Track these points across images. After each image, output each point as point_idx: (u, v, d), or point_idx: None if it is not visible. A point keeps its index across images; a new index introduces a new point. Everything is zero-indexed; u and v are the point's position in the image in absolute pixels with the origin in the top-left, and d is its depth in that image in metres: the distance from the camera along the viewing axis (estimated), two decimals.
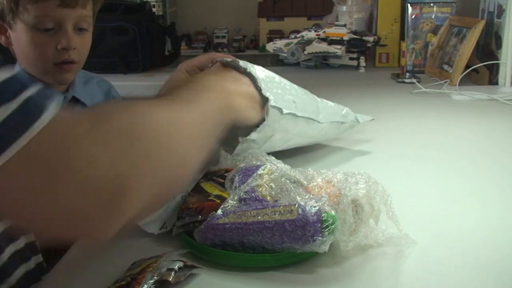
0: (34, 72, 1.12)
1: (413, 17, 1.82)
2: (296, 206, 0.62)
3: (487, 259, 0.63)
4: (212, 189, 0.72)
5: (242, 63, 0.83)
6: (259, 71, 0.86)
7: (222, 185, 0.73)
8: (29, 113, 0.42)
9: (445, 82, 1.57)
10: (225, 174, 0.75)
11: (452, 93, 1.49)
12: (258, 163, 0.75)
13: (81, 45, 1.12)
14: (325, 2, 2.38)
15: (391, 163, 0.97)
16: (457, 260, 0.63)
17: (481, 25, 1.60)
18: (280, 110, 0.84)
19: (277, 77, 0.93)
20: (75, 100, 1.18)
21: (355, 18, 2.08)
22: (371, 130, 1.18)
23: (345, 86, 1.69)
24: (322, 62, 1.97)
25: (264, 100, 0.82)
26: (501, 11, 1.56)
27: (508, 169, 0.93)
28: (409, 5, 1.82)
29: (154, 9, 2.24)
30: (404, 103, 1.45)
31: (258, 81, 0.82)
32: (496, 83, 1.57)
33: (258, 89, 0.82)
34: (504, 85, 1.53)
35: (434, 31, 1.81)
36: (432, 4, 1.81)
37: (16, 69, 1.14)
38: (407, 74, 1.77)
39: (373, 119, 1.06)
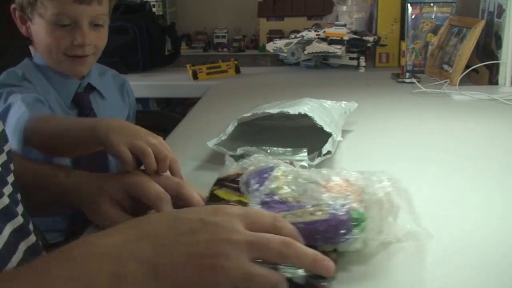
0: (49, 62, 1.18)
1: (413, 17, 1.82)
2: (326, 206, 0.62)
3: (487, 259, 0.63)
4: (229, 196, 0.71)
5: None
6: (305, 107, 0.98)
7: (237, 190, 0.72)
8: None
9: (445, 82, 1.57)
10: (238, 179, 0.73)
11: (452, 93, 1.49)
12: (270, 164, 0.74)
13: (97, 40, 1.17)
14: (325, 2, 2.38)
15: (391, 163, 0.97)
16: (456, 260, 0.63)
17: (481, 25, 1.60)
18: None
19: (308, 102, 1.04)
20: (90, 87, 1.24)
21: (355, 18, 2.08)
22: (371, 130, 1.18)
23: (345, 86, 1.69)
24: (322, 62, 1.97)
25: (329, 135, 0.94)
26: (501, 11, 1.56)
27: (508, 169, 0.93)
28: (409, 5, 1.82)
29: (154, 9, 2.24)
30: (404, 103, 1.45)
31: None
32: (496, 83, 1.57)
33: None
34: (504, 85, 1.53)
35: (434, 31, 1.81)
36: (432, 4, 1.81)
37: (36, 58, 1.20)
38: (407, 74, 1.76)
39: (356, 104, 1.17)
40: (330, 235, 0.60)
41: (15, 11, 1.18)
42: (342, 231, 0.60)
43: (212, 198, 0.72)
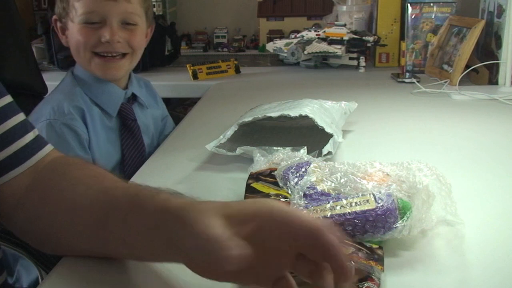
0: (80, 62, 1.17)
1: (413, 17, 1.82)
2: (371, 195, 0.63)
3: (485, 259, 0.64)
4: (267, 189, 0.72)
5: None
6: (306, 109, 0.98)
7: (273, 184, 0.73)
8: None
9: (445, 82, 1.57)
10: (273, 174, 0.75)
11: (452, 93, 1.49)
12: (305, 159, 0.77)
13: (130, 38, 1.15)
14: (325, 2, 2.38)
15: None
16: (455, 260, 0.63)
17: (481, 25, 1.60)
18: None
19: (308, 103, 1.03)
20: (133, 97, 1.23)
21: (355, 18, 2.08)
22: (371, 130, 1.18)
23: (345, 86, 1.69)
24: (322, 62, 1.97)
25: (329, 136, 0.94)
26: (501, 11, 1.56)
27: (508, 169, 0.94)
28: (409, 5, 1.82)
29: (154, 9, 2.23)
30: (404, 103, 1.46)
31: None
32: (496, 83, 1.57)
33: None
34: (504, 85, 1.53)
35: (434, 31, 1.81)
36: (432, 4, 1.81)
37: (77, 70, 1.19)
38: (407, 74, 1.76)
39: (356, 104, 1.17)
40: (379, 224, 0.62)
41: (56, 22, 1.18)
42: (390, 220, 0.62)
43: (249, 190, 0.73)
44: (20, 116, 0.69)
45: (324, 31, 1.94)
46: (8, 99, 0.69)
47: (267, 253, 0.48)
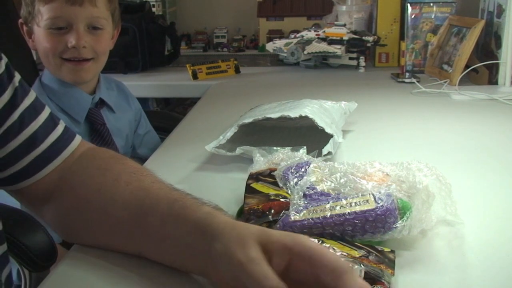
0: (49, 69, 1.17)
1: (413, 17, 1.82)
2: (371, 195, 0.63)
3: (485, 259, 0.64)
4: (267, 189, 0.72)
5: None
6: (306, 109, 0.98)
7: (273, 184, 0.73)
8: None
9: (445, 82, 1.57)
10: (272, 174, 0.75)
11: (452, 93, 1.49)
12: (305, 159, 0.77)
13: (95, 43, 1.16)
14: (325, 2, 2.38)
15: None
16: (455, 260, 0.63)
17: (480, 25, 1.60)
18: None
19: (308, 104, 1.04)
20: (101, 102, 1.23)
21: (355, 18, 2.08)
22: (371, 130, 1.18)
23: (345, 86, 1.69)
24: (321, 62, 1.97)
25: (329, 136, 0.93)
26: (501, 11, 1.56)
27: (508, 169, 0.94)
28: (409, 5, 1.82)
29: (154, 9, 2.24)
30: (404, 103, 1.46)
31: None
32: (496, 83, 1.57)
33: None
34: (504, 85, 1.53)
35: (434, 31, 1.81)
36: (432, 4, 1.81)
37: (44, 77, 1.19)
38: (407, 74, 1.76)
39: (356, 104, 1.17)
40: (379, 224, 0.61)
41: (22, 25, 1.18)
42: (390, 220, 0.61)
43: (249, 190, 0.72)
44: (47, 110, 0.69)
45: (324, 31, 1.94)
46: (33, 94, 0.68)
47: (292, 286, 0.48)
